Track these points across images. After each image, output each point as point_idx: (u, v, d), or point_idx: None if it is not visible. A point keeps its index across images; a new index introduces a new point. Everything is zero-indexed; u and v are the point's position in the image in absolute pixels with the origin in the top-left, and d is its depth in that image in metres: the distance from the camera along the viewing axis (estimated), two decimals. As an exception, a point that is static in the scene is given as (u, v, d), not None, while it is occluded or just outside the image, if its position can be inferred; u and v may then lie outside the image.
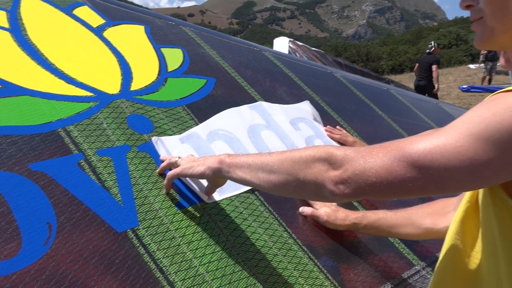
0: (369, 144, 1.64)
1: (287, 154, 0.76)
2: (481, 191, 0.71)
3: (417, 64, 8.90)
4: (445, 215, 0.99)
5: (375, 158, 0.64)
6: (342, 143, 1.54)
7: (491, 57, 12.24)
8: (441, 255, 0.78)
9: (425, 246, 1.33)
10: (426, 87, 8.25)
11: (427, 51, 8.64)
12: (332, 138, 1.54)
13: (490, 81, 13.27)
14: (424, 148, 0.61)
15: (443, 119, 2.46)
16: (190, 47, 1.50)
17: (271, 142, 1.32)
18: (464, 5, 0.74)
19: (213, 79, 1.42)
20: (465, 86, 11.86)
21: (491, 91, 10.70)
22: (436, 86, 8.33)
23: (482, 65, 13.77)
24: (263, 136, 1.33)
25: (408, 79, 16.20)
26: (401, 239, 1.29)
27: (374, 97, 2.14)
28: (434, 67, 8.22)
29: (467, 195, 0.74)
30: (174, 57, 1.39)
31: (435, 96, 8.17)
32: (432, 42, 8.75)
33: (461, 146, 0.58)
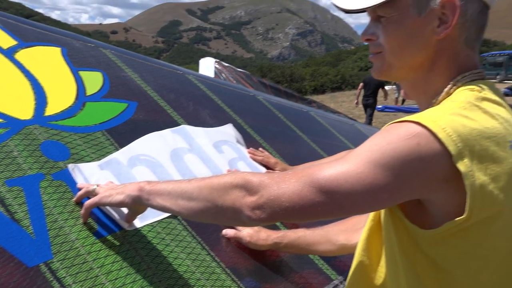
0: (290, 164, 1.72)
1: (206, 181, 0.79)
2: (383, 211, 0.78)
3: (361, 84, 9.93)
4: (357, 231, 1.06)
5: (287, 184, 0.69)
6: (264, 164, 1.60)
7: (402, 80, 13.28)
8: (351, 270, 0.84)
9: (342, 261, 1.41)
10: (372, 105, 9.48)
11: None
12: (254, 160, 1.59)
13: (403, 101, 14.42)
14: (330, 175, 0.66)
15: (358, 138, 2.64)
16: (111, 70, 1.48)
17: (195, 166, 1.33)
18: (365, 39, 0.82)
19: (134, 103, 1.40)
20: (380, 106, 12.77)
21: (403, 110, 11.59)
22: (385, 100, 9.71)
23: (394, 86, 14.94)
24: (186, 160, 1.34)
25: (329, 99, 17.07)
26: (320, 256, 1.36)
27: (295, 119, 2.24)
28: (382, 88, 9.66)
29: (371, 215, 0.82)
30: (93, 80, 1.36)
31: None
32: None
33: (361, 172, 0.65)
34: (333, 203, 0.67)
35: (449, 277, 0.70)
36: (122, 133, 1.25)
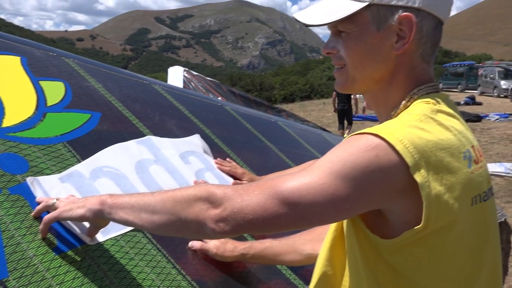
0: (258, 174, 1.72)
1: (169, 193, 0.78)
2: (345, 221, 0.79)
3: (334, 92, 10.47)
4: (323, 241, 1.07)
5: (251, 196, 0.69)
6: (232, 175, 1.59)
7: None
8: (313, 280, 0.85)
9: (309, 270, 1.41)
10: (348, 110, 10.23)
11: None
12: (222, 170, 1.58)
13: (363, 110, 14.78)
14: (293, 186, 0.67)
15: (325, 148, 2.66)
16: (74, 80, 1.44)
17: (160, 177, 1.32)
18: (325, 52, 0.84)
19: (98, 113, 1.37)
20: (347, 115, 13.02)
21: (369, 119, 11.91)
22: (355, 109, 10.47)
23: (361, 95, 15.26)
24: (152, 171, 1.32)
25: (299, 108, 17.27)
26: (288, 266, 1.36)
27: (263, 129, 2.25)
28: (354, 95, 10.37)
29: (333, 225, 0.83)
30: (55, 90, 1.32)
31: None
32: None
33: (324, 184, 0.66)
34: (296, 215, 0.67)
35: (410, 284, 0.72)
36: (85, 145, 1.22)
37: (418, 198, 0.66)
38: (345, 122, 10.37)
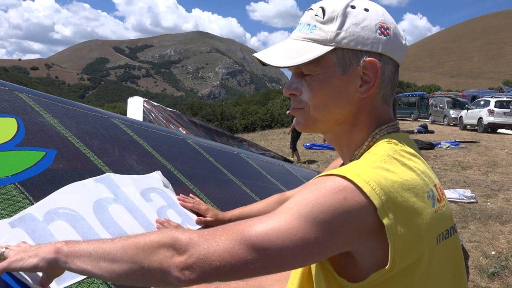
0: (222, 209, 1.69)
1: (131, 240, 0.73)
2: (313, 265, 0.78)
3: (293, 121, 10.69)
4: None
5: (218, 242, 0.66)
6: (195, 211, 1.55)
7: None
8: None
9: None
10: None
11: None
12: (184, 207, 1.54)
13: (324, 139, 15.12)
14: (261, 231, 0.65)
15: (288, 179, 2.68)
16: (27, 116, 1.38)
17: (120, 217, 1.26)
18: (288, 93, 0.84)
19: (53, 150, 1.31)
20: (308, 144, 13.25)
21: (329, 148, 12.18)
22: None
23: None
24: (111, 211, 1.26)
25: (260, 137, 17.40)
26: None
27: (226, 162, 2.23)
28: None
29: (300, 269, 0.81)
30: (6, 127, 1.25)
31: None
32: None
33: (292, 228, 0.64)
34: (266, 260, 0.65)
35: None
36: (39, 185, 1.15)
37: (385, 239, 0.66)
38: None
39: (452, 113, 21.54)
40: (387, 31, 0.78)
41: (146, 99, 6.24)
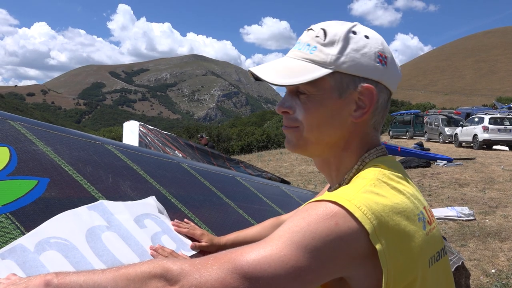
0: (217, 234, 1.67)
1: (121, 271, 0.72)
2: None
3: None
4: None
5: (209, 272, 0.65)
6: (190, 237, 1.53)
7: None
8: None
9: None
10: None
11: None
12: (179, 232, 1.52)
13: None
14: (253, 260, 0.64)
15: (284, 201, 2.67)
16: (20, 145, 1.37)
17: (113, 245, 1.24)
18: (281, 111, 0.84)
19: (46, 179, 1.30)
20: (304, 164, 13.26)
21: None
22: None
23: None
24: (104, 239, 1.24)
25: (256, 158, 17.39)
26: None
27: (221, 185, 2.22)
28: None
29: None
30: (-2, 157, 1.24)
31: None
32: None
33: (284, 255, 0.64)
34: None
35: None
36: (30, 215, 1.14)
37: (378, 264, 0.65)
38: None
39: (447, 130, 21.68)
40: (385, 60, 0.79)
41: (142, 123, 6.25)
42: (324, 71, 0.77)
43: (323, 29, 0.79)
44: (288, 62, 0.81)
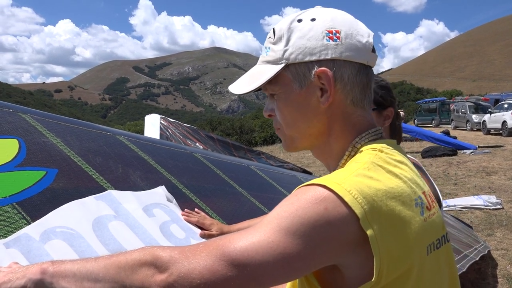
0: (229, 223, 1.66)
1: (113, 259, 0.72)
2: (298, 280, 0.74)
3: None
4: None
5: (198, 259, 0.64)
6: (199, 226, 1.53)
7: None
8: None
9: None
10: None
11: None
12: (189, 221, 1.52)
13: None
14: (241, 247, 0.63)
15: (300, 191, 2.64)
16: (29, 136, 1.39)
17: (120, 233, 1.25)
18: (266, 115, 0.84)
19: (54, 170, 1.32)
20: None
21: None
22: None
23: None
24: (111, 228, 1.25)
25: (279, 149, 17.35)
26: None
27: (234, 175, 2.21)
28: None
29: (287, 284, 0.77)
30: (7, 149, 1.26)
31: None
32: None
33: (272, 242, 0.61)
34: (246, 276, 0.62)
35: None
36: (37, 205, 1.15)
37: (371, 251, 0.62)
38: None
39: (475, 117, 21.06)
40: (337, 35, 0.75)
41: (163, 116, 6.31)
42: (277, 68, 0.77)
43: (273, 29, 0.81)
44: (252, 69, 0.84)
